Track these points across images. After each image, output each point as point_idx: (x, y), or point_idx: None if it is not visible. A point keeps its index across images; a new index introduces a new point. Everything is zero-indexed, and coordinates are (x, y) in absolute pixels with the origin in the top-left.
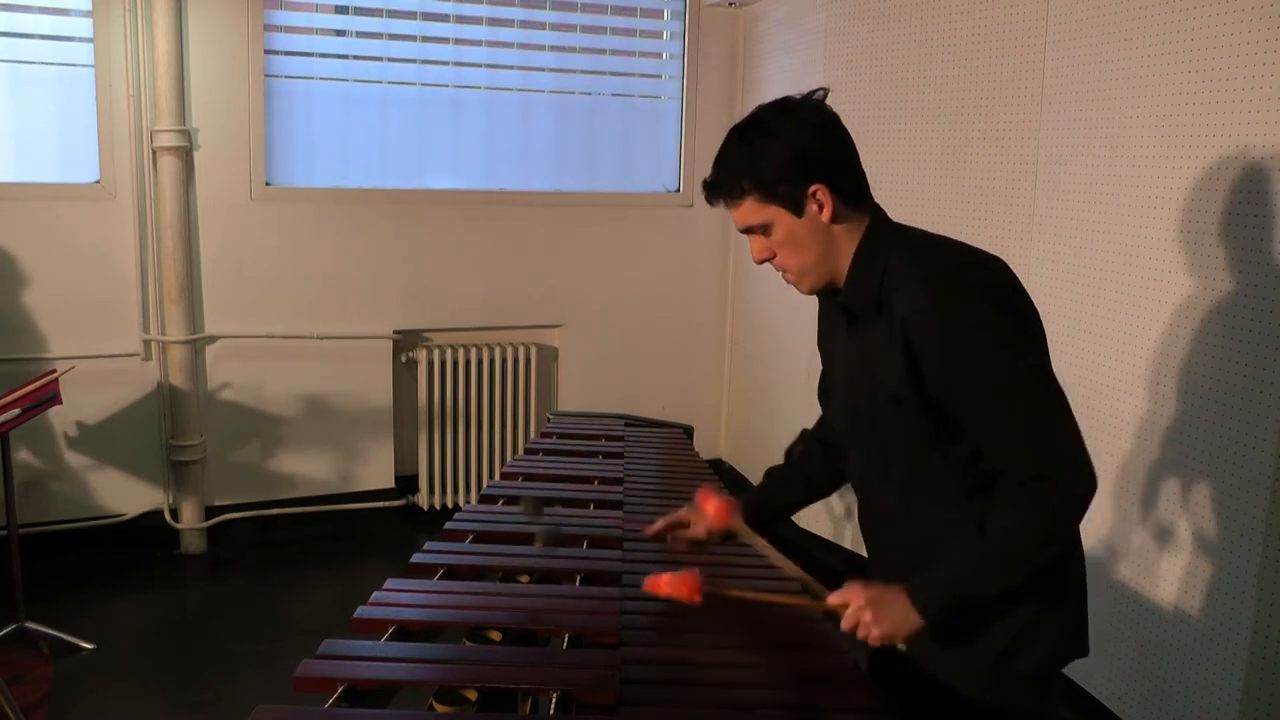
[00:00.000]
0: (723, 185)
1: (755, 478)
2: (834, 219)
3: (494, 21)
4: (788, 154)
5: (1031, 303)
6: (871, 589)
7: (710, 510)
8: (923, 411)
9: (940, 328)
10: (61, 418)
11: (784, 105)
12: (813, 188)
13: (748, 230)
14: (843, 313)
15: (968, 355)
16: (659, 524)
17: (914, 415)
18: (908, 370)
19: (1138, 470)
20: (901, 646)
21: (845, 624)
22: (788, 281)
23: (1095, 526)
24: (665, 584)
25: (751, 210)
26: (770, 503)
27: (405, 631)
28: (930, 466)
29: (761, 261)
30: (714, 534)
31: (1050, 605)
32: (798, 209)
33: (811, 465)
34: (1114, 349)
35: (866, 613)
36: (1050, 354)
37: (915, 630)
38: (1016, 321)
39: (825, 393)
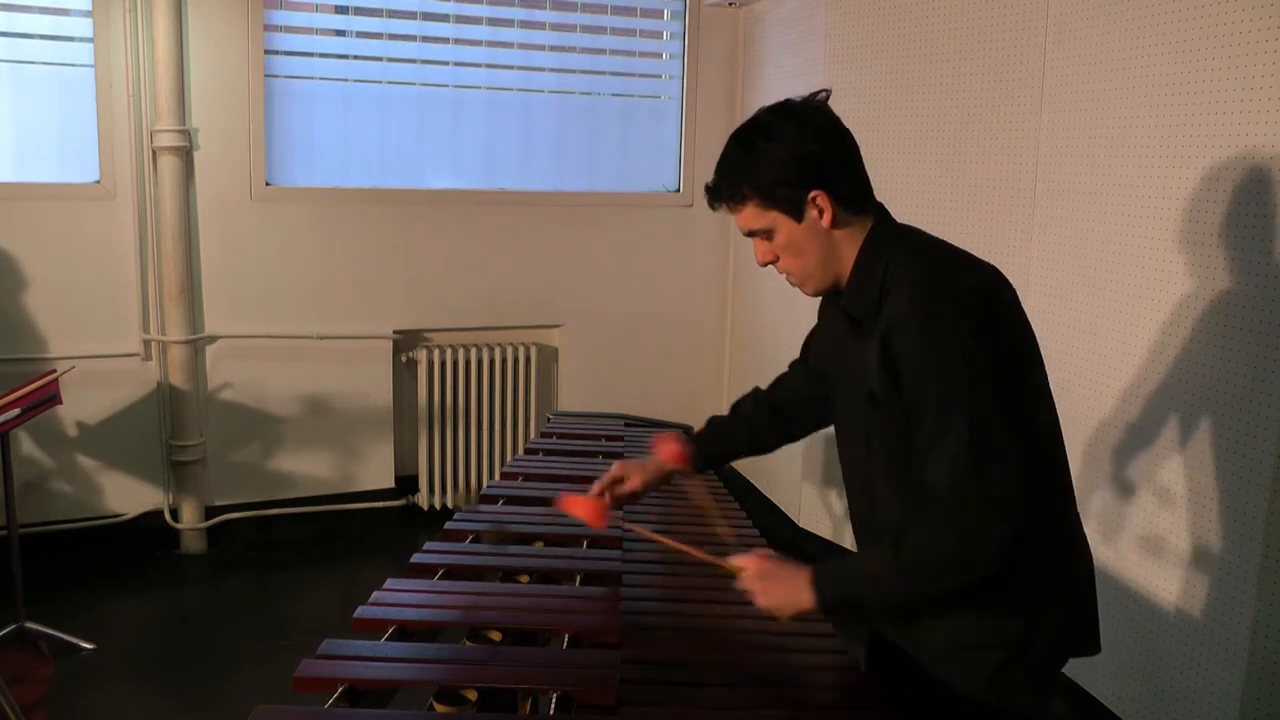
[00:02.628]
0: (724, 191)
1: (754, 478)
2: (834, 224)
3: (494, 21)
4: (788, 160)
5: (1023, 319)
6: (769, 562)
7: (664, 452)
8: (899, 417)
9: (915, 337)
10: (61, 418)
11: (785, 109)
12: (812, 194)
13: (750, 234)
14: (845, 317)
15: (931, 368)
16: (595, 486)
17: (891, 419)
18: (887, 374)
19: (1137, 470)
20: (784, 619)
21: (739, 585)
22: (792, 284)
23: (1095, 526)
24: (576, 505)
25: (752, 215)
26: (708, 449)
27: (405, 631)
28: (907, 472)
29: (765, 264)
30: (650, 485)
31: (1052, 606)
32: (798, 214)
33: (757, 422)
34: (1114, 349)
35: (757, 582)
36: (1045, 363)
37: (799, 611)
38: (997, 341)
39: (806, 350)
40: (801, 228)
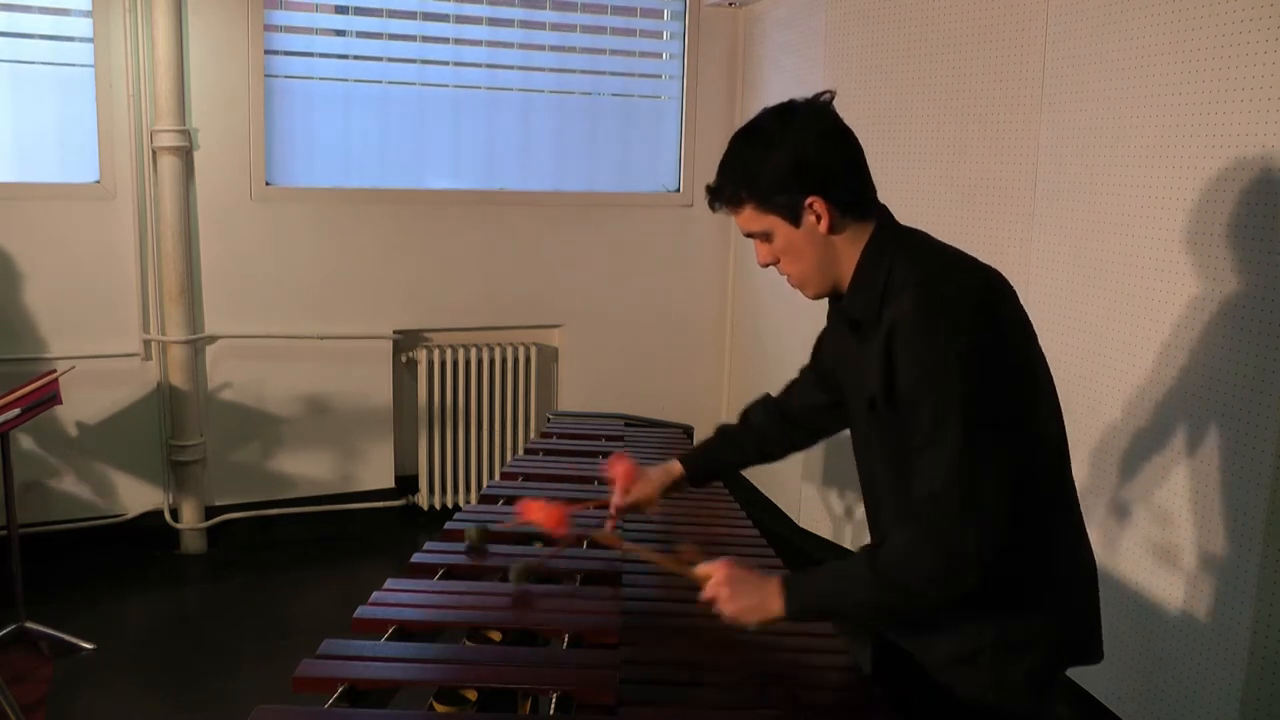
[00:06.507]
0: (723, 193)
1: (754, 477)
2: (832, 229)
3: (494, 21)
4: (786, 165)
5: (1026, 325)
6: (737, 569)
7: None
8: (895, 422)
9: (912, 343)
10: (61, 418)
11: (787, 112)
12: (809, 199)
13: (750, 236)
14: (845, 320)
15: (926, 374)
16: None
17: (889, 425)
18: (885, 378)
19: (1137, 469)
20: (752, 628)
21: (705, 594)
22: (792, 286)
23: (1097, 526)
24: (536, 511)
25: (751, 218)
26: (715, 459)
27: (405, 631)
28: (902, 478)
29: (766, 265)
30: (654, 491)
31: (1054, 614)
32: (794, 219)
33: (767, 430)
34: (1113, 348)
35: (724, 589)
36: (1047, 363)
37: (768, 620)
38: (994, 348)
39: (817, 353)
40: (799, 232)
